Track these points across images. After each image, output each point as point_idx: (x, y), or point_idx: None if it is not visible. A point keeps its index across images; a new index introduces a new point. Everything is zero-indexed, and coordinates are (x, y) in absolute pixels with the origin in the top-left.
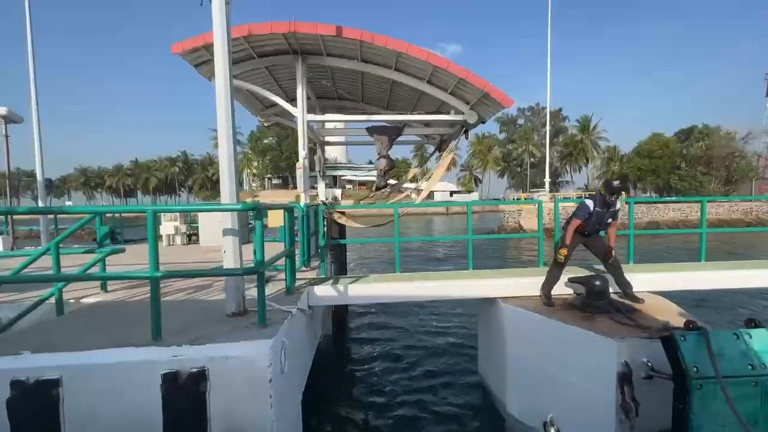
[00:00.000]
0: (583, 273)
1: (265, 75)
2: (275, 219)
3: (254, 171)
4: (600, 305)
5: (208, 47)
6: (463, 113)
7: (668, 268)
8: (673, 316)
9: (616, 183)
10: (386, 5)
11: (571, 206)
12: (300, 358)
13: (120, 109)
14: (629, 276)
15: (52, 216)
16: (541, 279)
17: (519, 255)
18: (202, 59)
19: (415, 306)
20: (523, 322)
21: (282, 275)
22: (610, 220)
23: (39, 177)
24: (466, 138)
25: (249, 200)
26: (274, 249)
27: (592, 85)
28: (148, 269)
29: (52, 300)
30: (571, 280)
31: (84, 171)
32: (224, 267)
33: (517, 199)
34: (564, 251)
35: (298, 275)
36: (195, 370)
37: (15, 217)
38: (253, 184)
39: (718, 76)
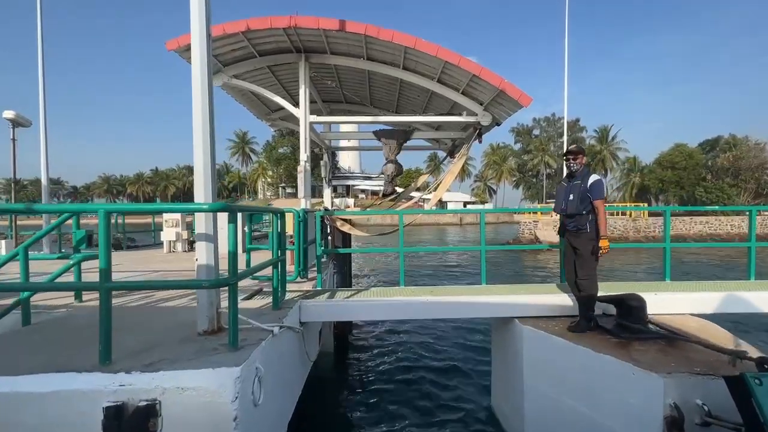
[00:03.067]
0: (615, 291)
1: (268, 76)
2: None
3: (269, 180)
4: (637, 329)
5: None
6: (476, 114)
7: (711, 287)
8: (729, 345)
9: (570, 146)
10: (396, 22)
11: None
12: (283, 385)
13: (142, 118)
14: (666, 296)
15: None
16: (565, 297)
17: (536, 270)
18: None
19: (425, 321)
20: (544, 347)
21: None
22: (571, 196)
23: (44, 180)
24: (479, 141)
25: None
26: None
27: (612, 97)
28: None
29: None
30: (601, 299)
31: (107, 179)
32: (196, 278)
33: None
34: None
35: (293, 287)
36: (144, 403)
37: (27, 222)
38: (268, 193)
39: (745, 87)
